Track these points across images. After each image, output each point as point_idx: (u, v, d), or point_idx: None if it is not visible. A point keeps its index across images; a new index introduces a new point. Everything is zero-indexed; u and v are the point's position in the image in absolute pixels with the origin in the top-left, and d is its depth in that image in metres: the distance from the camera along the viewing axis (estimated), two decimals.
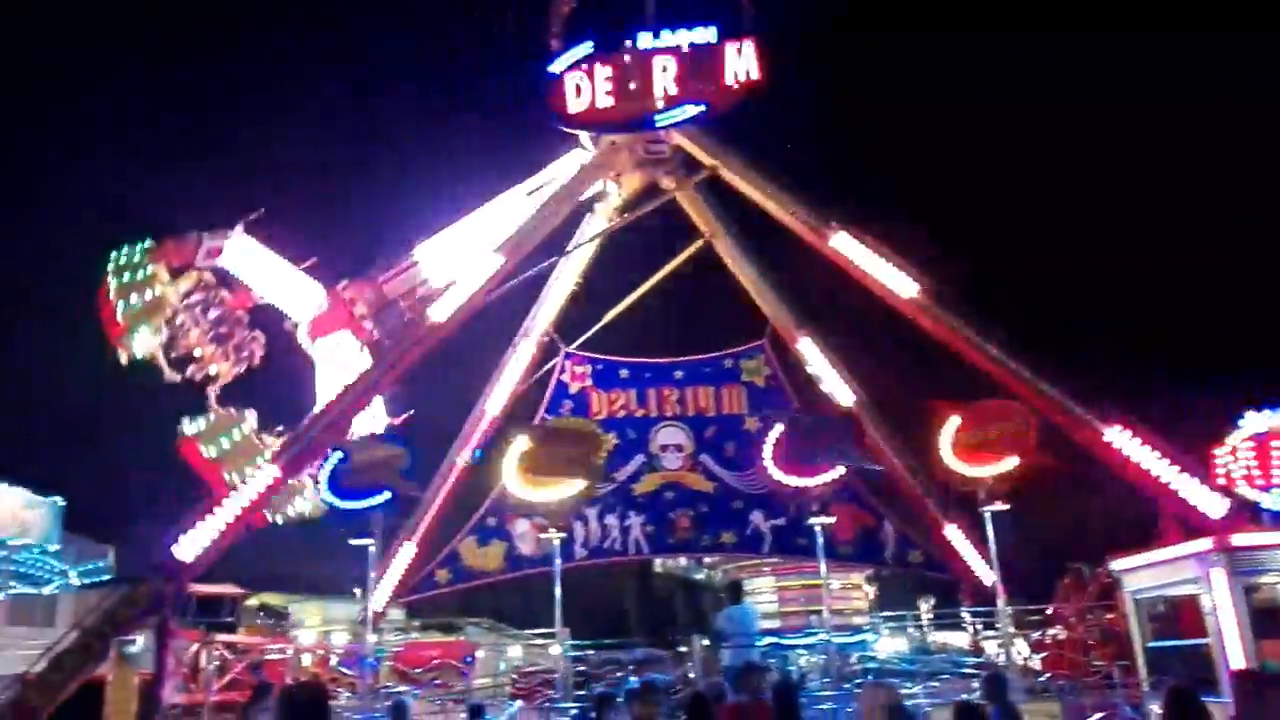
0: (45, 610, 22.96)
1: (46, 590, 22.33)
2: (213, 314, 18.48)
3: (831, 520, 15.84)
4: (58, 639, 15.81)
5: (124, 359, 17.47)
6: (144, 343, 17.46)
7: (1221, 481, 14.09)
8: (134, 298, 17.47)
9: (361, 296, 19.33)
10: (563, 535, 16.74)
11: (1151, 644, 14.49)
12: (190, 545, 15.67)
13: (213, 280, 18.78)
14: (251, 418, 18.37)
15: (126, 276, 17.60)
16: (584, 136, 22.03)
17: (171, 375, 17.84)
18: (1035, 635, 16.83)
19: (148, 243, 18.11)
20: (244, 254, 18.98)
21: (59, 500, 19.28)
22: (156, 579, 15.47)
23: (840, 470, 15.57)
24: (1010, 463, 14.61)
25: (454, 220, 20.60)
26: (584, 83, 20.92)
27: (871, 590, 23.86)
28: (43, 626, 22.12)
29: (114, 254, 17.84)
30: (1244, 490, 13.82)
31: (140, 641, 15.37)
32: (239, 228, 18.97)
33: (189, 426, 18.02)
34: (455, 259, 20.56)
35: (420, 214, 21.02)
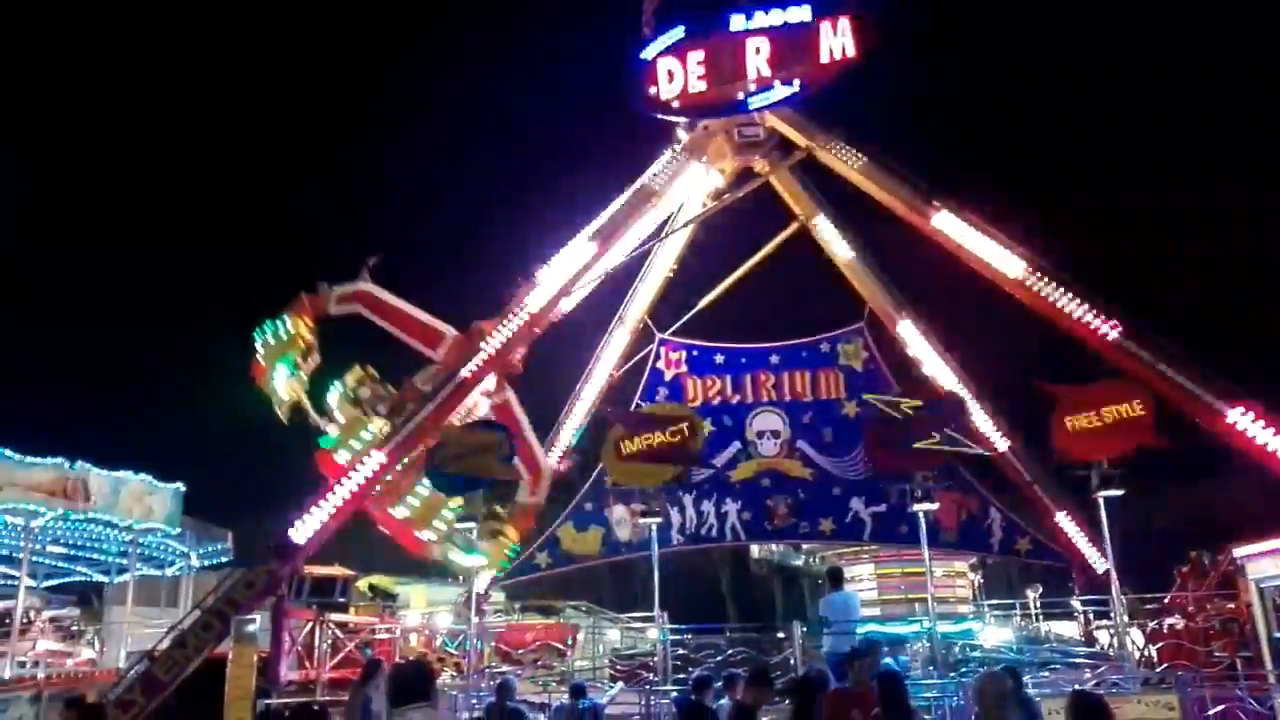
0: (169, 591, 24.25)
1: (170, 572, 23.57)
2: None
3: (934, 507, 15.46)
4: (181, 618, 16.66)
5: (281, 414, 18.29)
6: (283, 382, 18.21)
7: None
8: (272, 341, 18.44)
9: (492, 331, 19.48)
10: (659, 521, 16.79)
11: (1278, 634, 13.79)
12: (304, 529, 16.27)
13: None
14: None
15: (270, 334, 18.56)
16: (679, 126, 21.96)
17: (316, 418, 18.48)
18: (1152, 625, 16.16)
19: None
20: (371, 298, 19.45)
21: (181, 486, 20.29)
22: (273, 561, 16.11)
23: (941, 456, 15.19)
24: (1124, 446, 14.03)
25: (571, 236, 20.63)
26: (676, 68, 20.86)
27: (976, 578, 23.22)
28: (167, 606, 23.40)
29: (264, 327, 18.74)
30: None
31: (258, 621, 16.02)
32: (364, 275, 19.49)
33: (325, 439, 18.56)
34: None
35: (538, 240, 21.08)
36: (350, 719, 10.10)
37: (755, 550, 30.73)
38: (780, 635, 16.49)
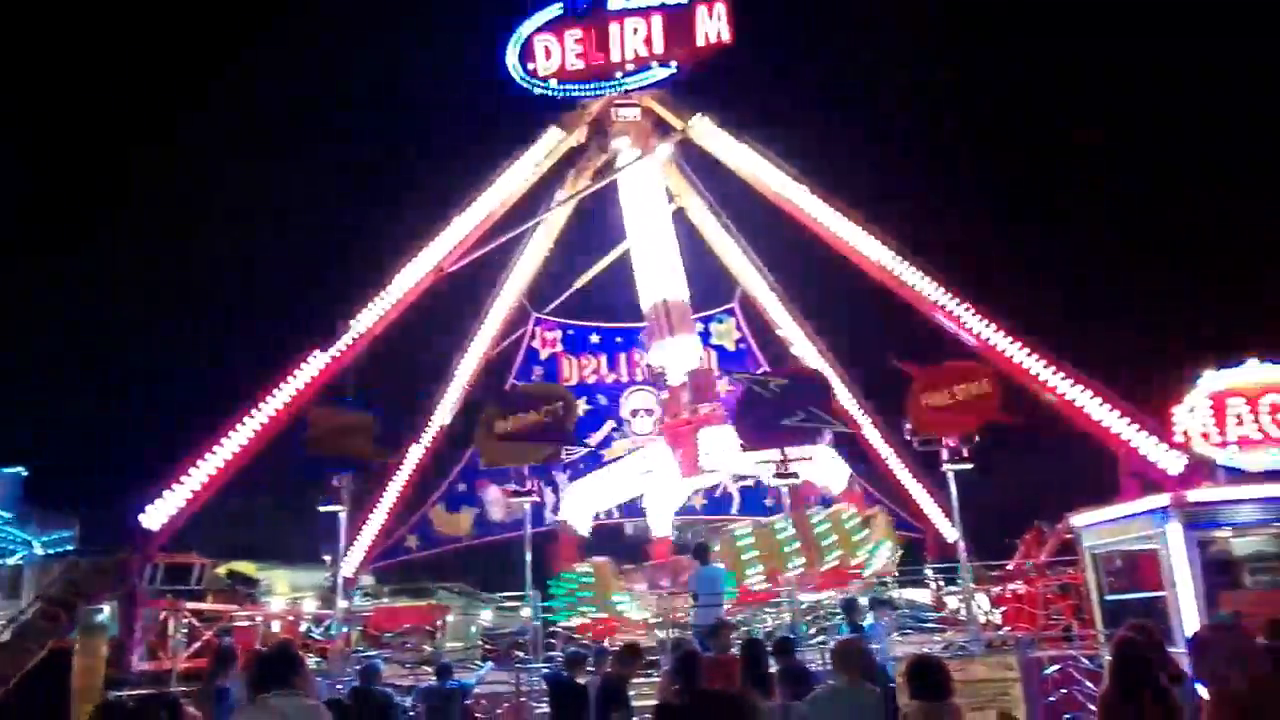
0: (11, 580, 22.83)
1: (11, 561, 22.20)
2: None
3: (798, 481, 15.97)
4: (23, 608, 15.74)
5: None
6: None
7: (1179, 439, 14.36)
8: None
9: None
10: (534, 500, 16.78)
11: (1109, 597, 14.83)
12: (157, 514, 15.59)
13: None
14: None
15: None
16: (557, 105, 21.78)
17: None
18: (996, 590, 17.16)
19: None
20: None
21: (22, 471, 19.12)
22: (123, 548, 15.40)
23: (810, 433, 15.67)
24: (972, 422, 14.78)
25: (444, 215, 20.10)
26: (554, 44, 20.72)
27: None
28: (8, 597, 22.03)
29: None
30: (1200, 448, 14.09)
31: (108, 610, 15.29)
32: None
33: None
34: None
35: (413, 223, 20.47)
36: (201, 709, 9.75)
37: (629, 527, 31.08)
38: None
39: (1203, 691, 6.61)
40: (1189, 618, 12.40)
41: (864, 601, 14.30)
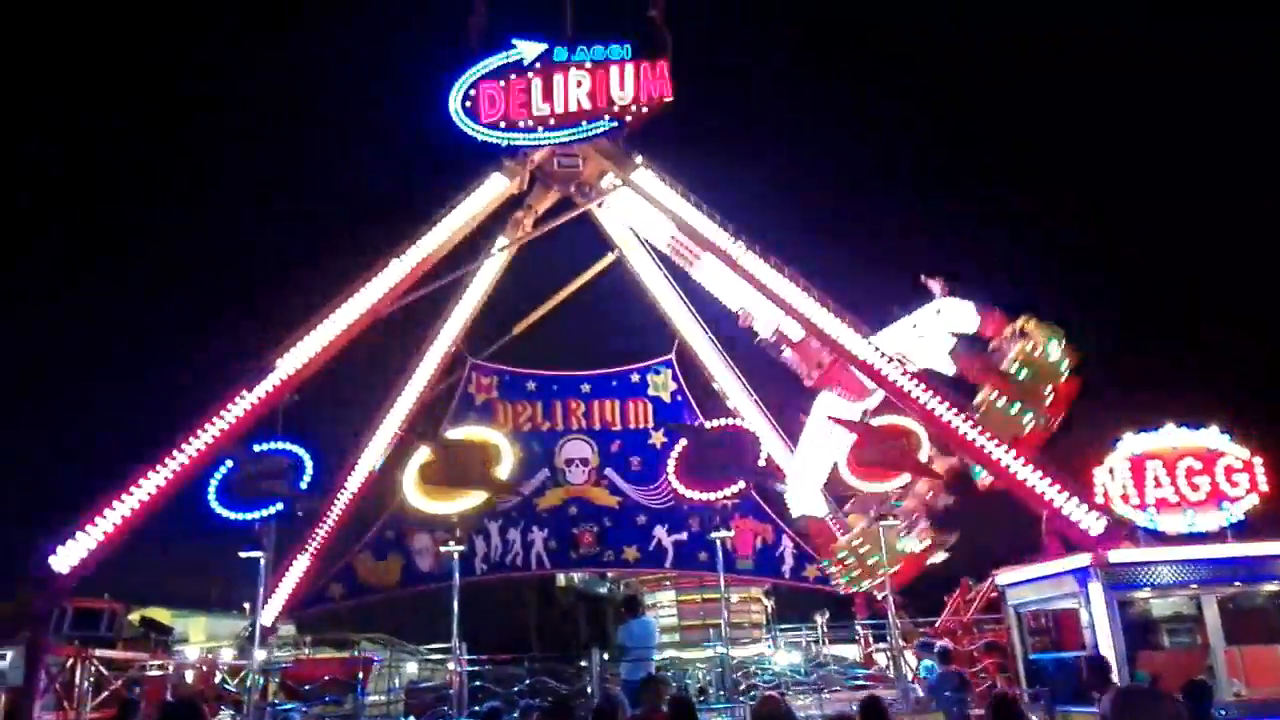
0: None
1: None
2: None
3: (731, 535, 16.01)
4: None
5: None
6: None
7: (1100, 500, 14.73)
8: None
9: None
10: (463, 550, 16.51)
11: (1033, 656, 15.05)
12: (67, 556, 14.96)
13: None
14: None
15: None
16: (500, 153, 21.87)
17: None
18: (925, 647, 17.27)
19: None
20: None
21: None
22: (29, 591, 14.74)
23: (739, 485, 15.76)
24: (901, 480, 15.02)
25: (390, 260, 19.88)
26: (498, 94, 20.83)
27: (770, 603, 24.15)
28: None
29: None
30: (1120, 509, 14.47)
31: (9, 656, 14.58)
32: None
33: None
34: None
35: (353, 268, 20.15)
36: None
37: (561, 579, 30.70)
38: (582, 664, 16.51)
39: None
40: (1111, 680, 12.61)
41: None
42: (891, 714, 12.71)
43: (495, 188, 21.25)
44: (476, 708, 13.69)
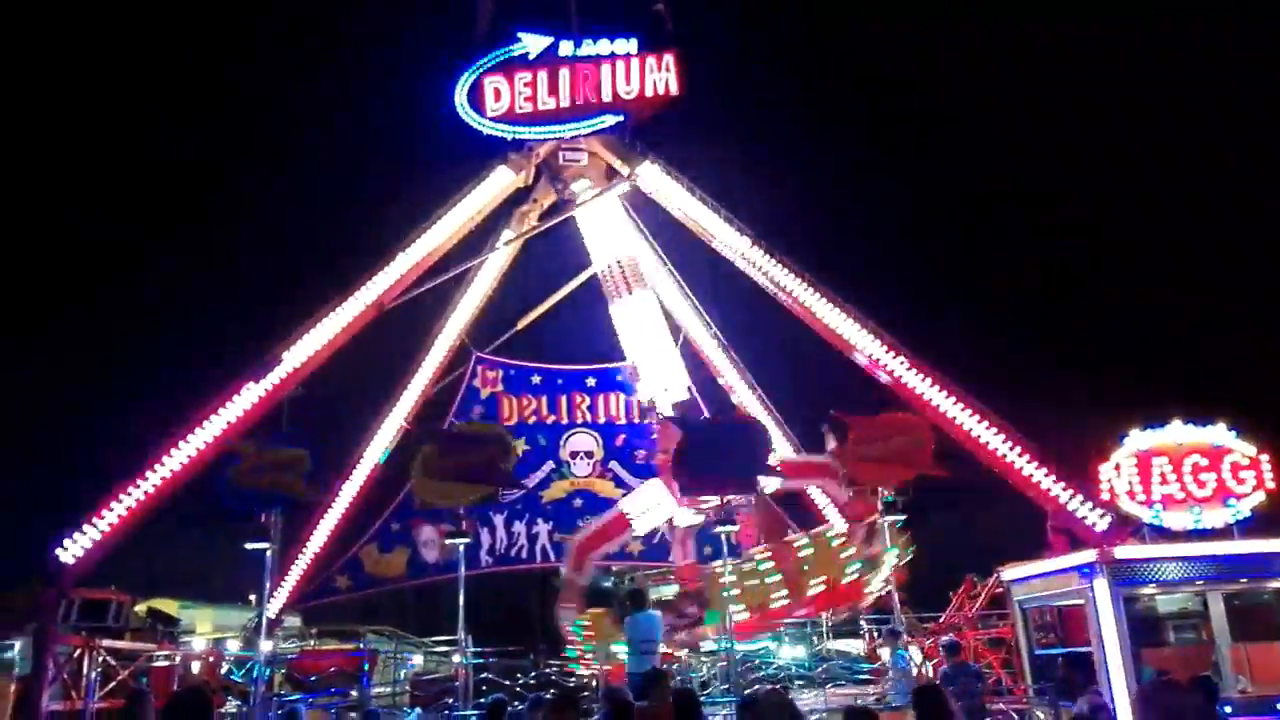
0: None
1: None
2: None
3: (735, 529, 15.97)
4: None
5: None
6: None
7: (1106, 496, 14.71)
8: None
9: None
10: (468, 542, 16.54)
11: (1038, 651, 15.05)
12: (75, 547, 15.03)
13: None
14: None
15: None
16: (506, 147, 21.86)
17: None
18: (928, 642, 17.29)
19: None
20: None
21: None
22: (37, 581, 14.82)
23: (746, 481, 15.71)
24: (907, 474, 15.00)
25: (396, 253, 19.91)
26: (503, 86, 20.83)
27: None
28: None
29: None
30: (1126, 505, 14.44)
31: (19, 646, 14.65)
32: None
33: None
34: None
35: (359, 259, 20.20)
36: None
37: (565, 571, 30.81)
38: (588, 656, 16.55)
39: None
40: (1115, 672, 12.64)
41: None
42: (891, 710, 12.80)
43: (500, 181, 21.28)
44: (482, 700, 13.71)
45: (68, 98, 55.11)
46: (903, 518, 14.68)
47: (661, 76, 20.82)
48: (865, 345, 18.11)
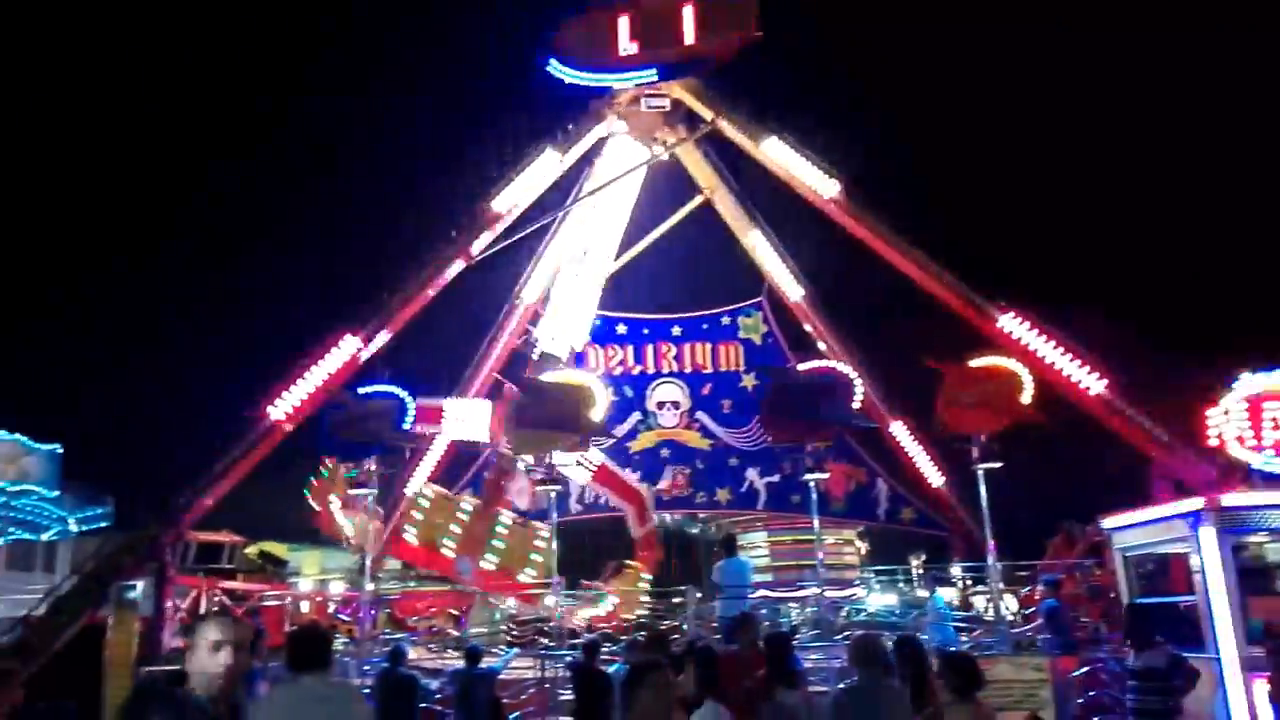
0: (45, 556, 23.19)
1: (45, 536, 22.53)
2: None
3: (825, 477, 15.93)
4: (59, 583, 16.01)
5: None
6: (340, 517, 18.92)
7: (1214, 442, 14.19)
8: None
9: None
10: (558, 490, 16.87)
11: (1139, 600, 14.68)
12: (191, 493, 15.82)
13: None
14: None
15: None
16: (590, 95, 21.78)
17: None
18: (1024, 591, 17.05)
19: None
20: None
21: (58, 448, 19.41)
22: (156, 526, 15.61)
23: (833, 428, 15.65)
24: (1003, 421, 14.67)
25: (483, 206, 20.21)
26: (585, 35, 20.71)
27: (864, 546, 24.07)
28: (43, 571, 22.38)
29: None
30: (1235, 451, 13.91)
31: (140, 587, 15.52)
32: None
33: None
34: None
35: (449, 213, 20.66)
36: (230, 687, 9.90)
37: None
38: (675, 601, 16.81)
39: None
40: (1221, 622, 12.27)
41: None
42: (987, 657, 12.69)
43: (581, 130, 21.20)
44: (577, 640, 14.06)
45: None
46: (998, 465, 14.36)
47: (744, 17, 20.43)
48: (961, 290, 17.70)
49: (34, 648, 14.05)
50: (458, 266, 19.69)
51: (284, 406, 16.89)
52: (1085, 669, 12.69)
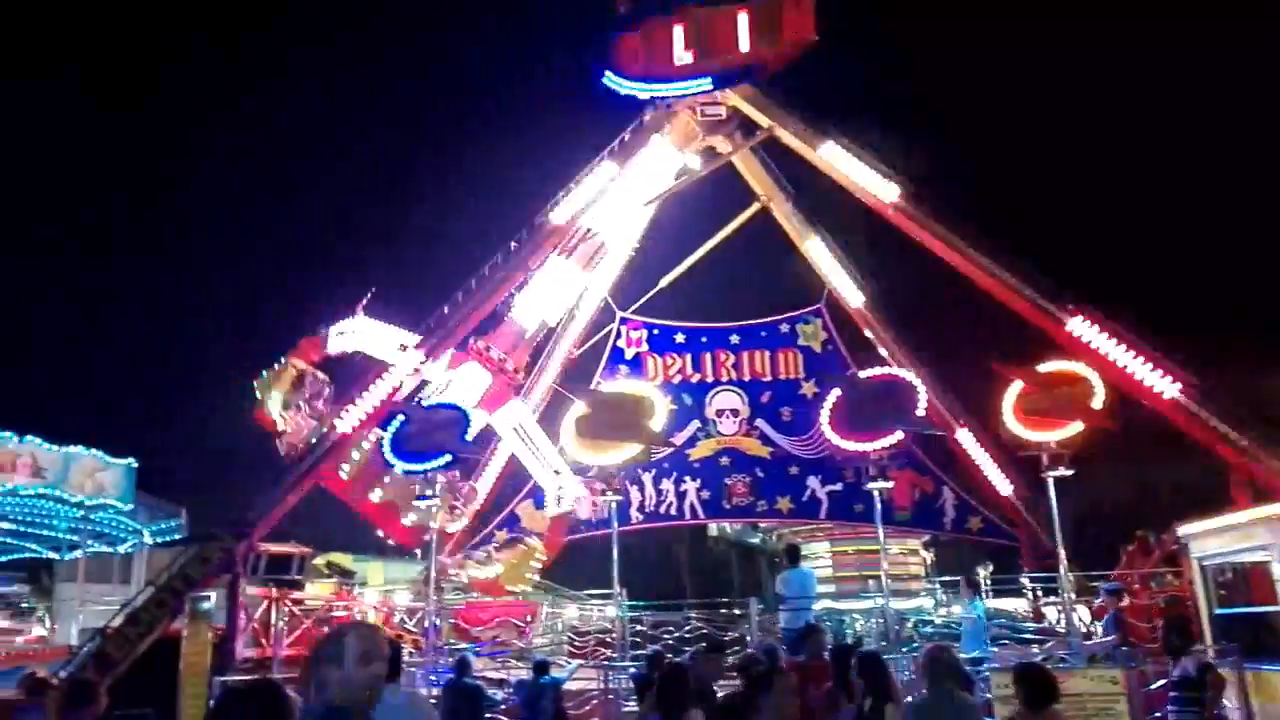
0: (122, 567, 23.93)
1: (122, 549, 23.24)
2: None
3: (889, 485, 15.69)
4: (135, 595, 16.47)
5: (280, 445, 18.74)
6: (278, 413, 18.83)
7: None
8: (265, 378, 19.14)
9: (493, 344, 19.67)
10: (618, 499, 16.87)
11: (1219, 611, 14.20)
12: (260, 506, 16.15)
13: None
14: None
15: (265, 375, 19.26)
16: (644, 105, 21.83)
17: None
18: (1098, 601, 16.59)
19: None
20: (367, 334, 19.48)
21: (133, 462, 19.99)
22: (228, 538, 15.96)
23: (898, 435, 15.41)
24: (1075, 428, 14.30)
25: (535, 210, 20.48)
26: (639, 46, 20.77)
27: (929, 556, 23.65)
28: (119, 583, 23.09)
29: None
30: None
31: (214, 598, 15.88)
32: (359, 312, 19.54)
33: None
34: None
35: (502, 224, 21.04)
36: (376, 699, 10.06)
37: (713, 528, 31.00)
38: (737, 612, 16.69)
39: None
40: None
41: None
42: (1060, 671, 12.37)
43: (636, 139, 21.25)
44: (640, 652, 14.04)
45: None
46: (1070, 472, 14.00)
47: (801, 21, 20.29)
48: (1029, 293, 17.34)
49: (112, 658, 14.46)
50: (514, 279, 19.85)
51: (351, 419, 17.18)
52: (1163, 681, 12.28)
